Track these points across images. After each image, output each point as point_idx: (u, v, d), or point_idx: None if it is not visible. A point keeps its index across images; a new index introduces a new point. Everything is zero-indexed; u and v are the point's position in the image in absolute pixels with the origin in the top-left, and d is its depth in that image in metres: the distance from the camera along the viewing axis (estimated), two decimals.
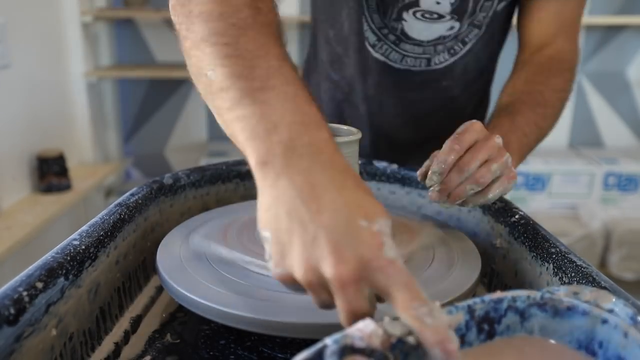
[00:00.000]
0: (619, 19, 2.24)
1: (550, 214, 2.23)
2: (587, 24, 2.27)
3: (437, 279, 0.52)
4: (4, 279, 0.56)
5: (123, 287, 0.56)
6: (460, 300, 0.46)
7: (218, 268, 0.52)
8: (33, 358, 0.41)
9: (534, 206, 2.24)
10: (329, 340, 0.31)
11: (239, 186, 0.76)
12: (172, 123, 2.45)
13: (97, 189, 2.14)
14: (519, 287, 0.58)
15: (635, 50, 2.43)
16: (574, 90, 0.85)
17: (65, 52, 2.03)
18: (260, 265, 0.50)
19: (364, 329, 0.32)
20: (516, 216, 0.61)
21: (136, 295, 0.59)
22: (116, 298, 0.55)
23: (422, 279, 0.51)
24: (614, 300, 0.36)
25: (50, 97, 1.95)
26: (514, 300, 0.37)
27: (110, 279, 0.53)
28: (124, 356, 0.50)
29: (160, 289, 0.61)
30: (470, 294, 0.50)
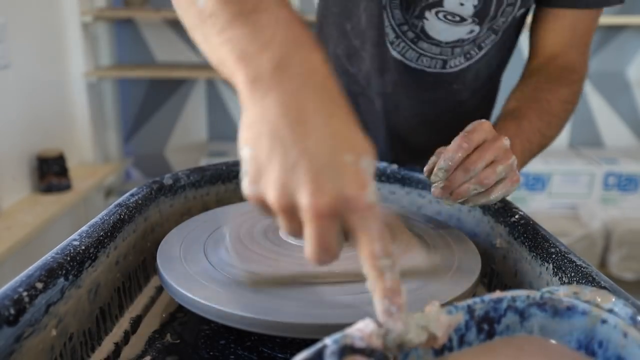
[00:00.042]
0: (619, 19, 2.24)
1: (550, 214, 2.23)
2: None
3: (437, 279, 0.52)
4: (4, 279, 0.56)
5: (123, 287, 0.56)
6: (460, 300, 0.46)
7: (218, 268, 0.52)
8: (33, 358, 0.41)
9: (534, 206, 2.24)
10: (329, 340, 0.31)
11: (239, 186, 0.76)
12: (172, 123, 2.45)
13: (97, 189, 2.14)
14: (519, 287, 0.58)
15: (635, 50, 2.43)
16: None
17: (65, 52, 2.03)
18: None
19: (364, 329, 0.32)
20: (516, 216, 0.61)
21: (136, 295, 0.59)
22: (116, 298, 0.55)
23: (422, 279, 0.51)
24: (614, 300, 0.36)
25: (50, 97, 1.95)
26: (514, 300, 0.37)
27: (110, 279, 0.53)
28: (124, 356, 0.50)
29: (160, 289, 0.61)
30: (470, 294, 0.51)
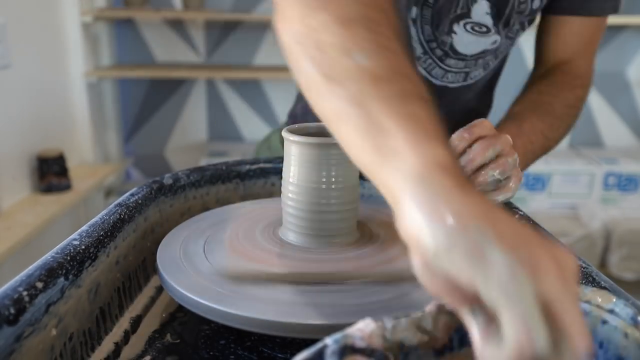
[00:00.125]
0: (619, 19, 2.24)
1: (550, 214, 2.23)
2: None
3: None
4: (4, 279, 0.56)
5: (123, 287, 0.56)
6: None
7: (218, 268, 0.52)
8: (33, 358, 0.41)
9: (534, 206, 2.24)
10: (329, 340, 0.31)
11: (239, 186, 0.76)
12: (172, 123, 2.45)
13: (97, 189, 2.14)
14: None
15: (635, 50, 2.43)
16: None
17: (66, 52, 2.03)
18: None
19: (364, 329, 0.32)
20: (516, 216, 0.61)
21: (136, 295, 0.59)
22: (116, 298, 0.54)
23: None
24: (614, 300, 0.36)
25: (51, 97, 1.95)
26: None
27: (110, 279, 0.53)
28: (124, 356, 0.50)
29: (160, 289, 0.61)
30: None
